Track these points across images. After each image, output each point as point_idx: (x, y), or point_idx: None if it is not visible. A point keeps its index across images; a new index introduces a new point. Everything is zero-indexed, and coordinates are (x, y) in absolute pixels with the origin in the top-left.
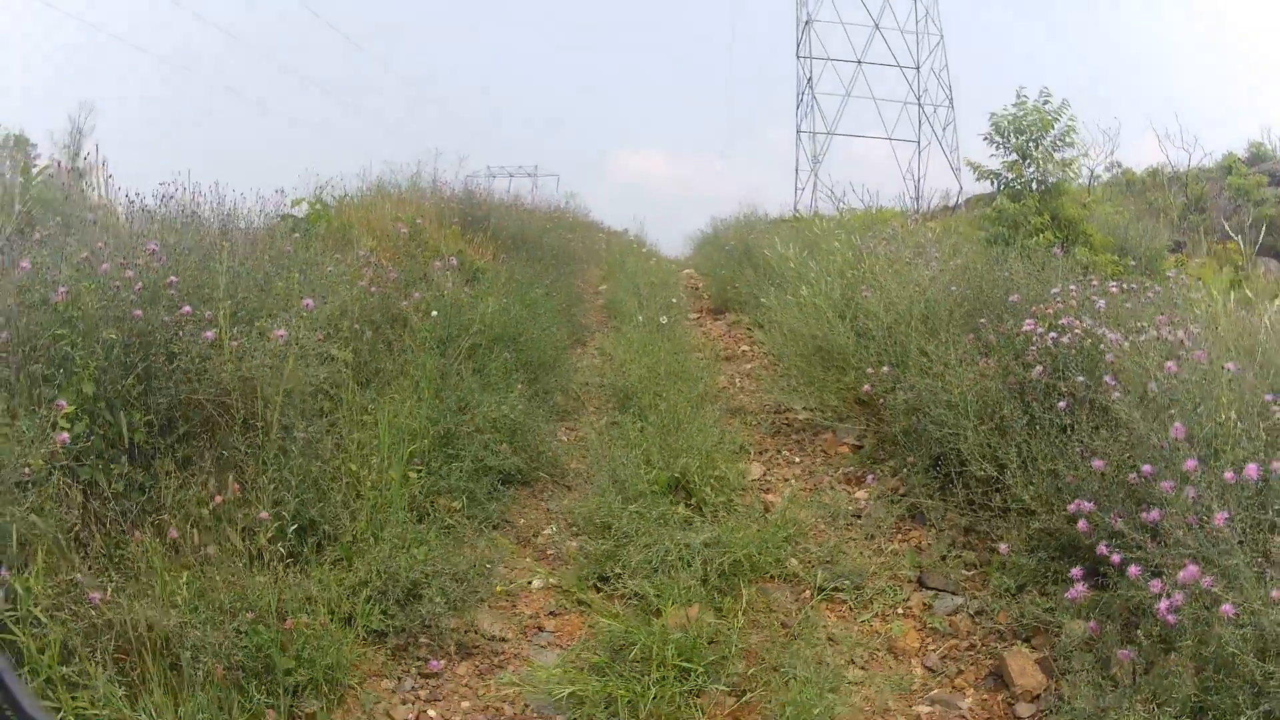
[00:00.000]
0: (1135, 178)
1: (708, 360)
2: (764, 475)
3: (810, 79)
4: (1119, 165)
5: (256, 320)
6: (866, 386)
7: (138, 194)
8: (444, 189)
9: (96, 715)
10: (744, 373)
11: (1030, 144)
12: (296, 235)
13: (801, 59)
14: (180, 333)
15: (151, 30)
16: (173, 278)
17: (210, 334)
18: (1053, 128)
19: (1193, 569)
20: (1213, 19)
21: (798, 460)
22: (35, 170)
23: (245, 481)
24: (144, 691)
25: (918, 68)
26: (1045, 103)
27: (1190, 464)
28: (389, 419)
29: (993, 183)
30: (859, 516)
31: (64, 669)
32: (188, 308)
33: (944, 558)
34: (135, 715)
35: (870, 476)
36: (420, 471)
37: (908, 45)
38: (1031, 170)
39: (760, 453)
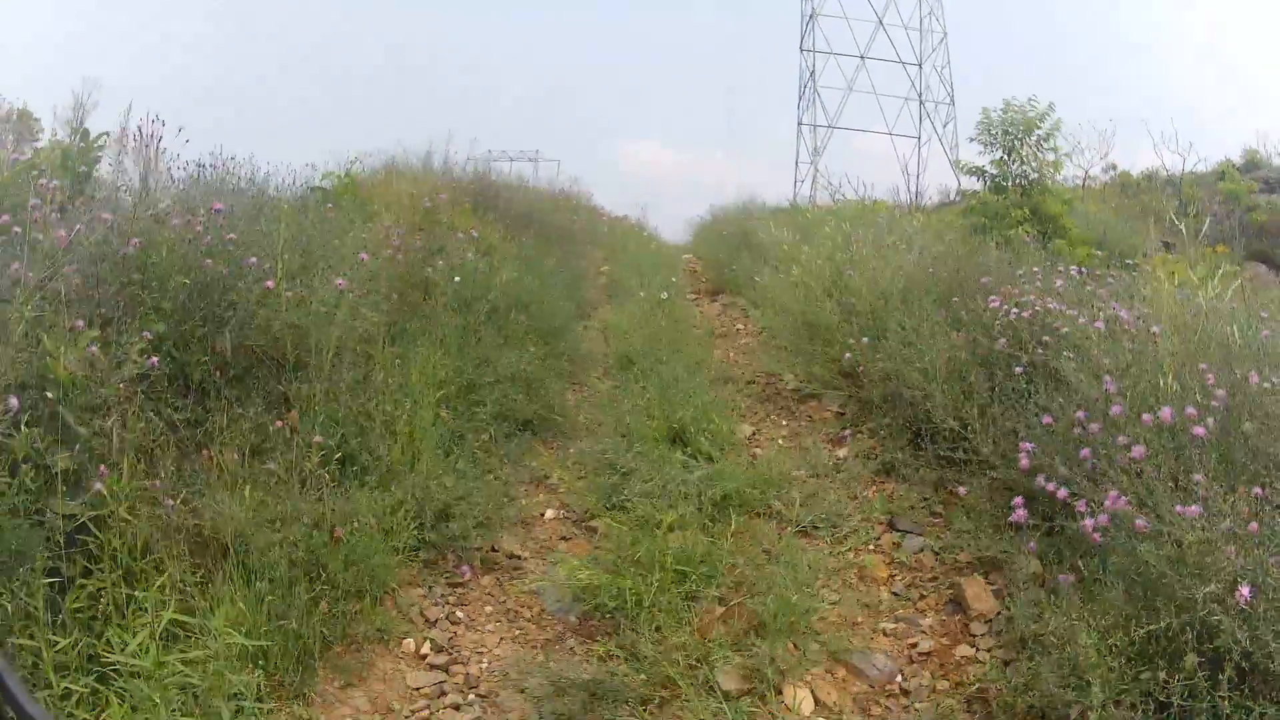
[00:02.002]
0: (1131, 180)
1: (704, 335)
2: (754, 434)
3: (813, 72)
4: (1114, 167)
5: (303, 276)
6: (847, 355)
7: (186, 162)
8: (454, 169)
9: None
10: (738, 348)
11: (1016, 142)
12: (328, 205)
13: (805, 52)
14: (240, 282)
15: (153, 12)
16: (231, 235)
17: (270, 283)
18: (1037, 128)
19: (1115, 494)
20: (1214, 26)
21: (785, 424)
22: (93, 136)
23: (296, 417)
24: (212, 582)
25: (920, 65)
26: (1031, 106)
27: (1116, 409)
28: (419, 367)
29: (979, 178)
30: (838, 470)
31: (142, 562)
32: (253, 259)
33: (913, 506)
34: (207, 599)
35: (850, 436)
36: (449, 412)
37: (911, 42)
38: (1016, 168)
39: (751, 416)
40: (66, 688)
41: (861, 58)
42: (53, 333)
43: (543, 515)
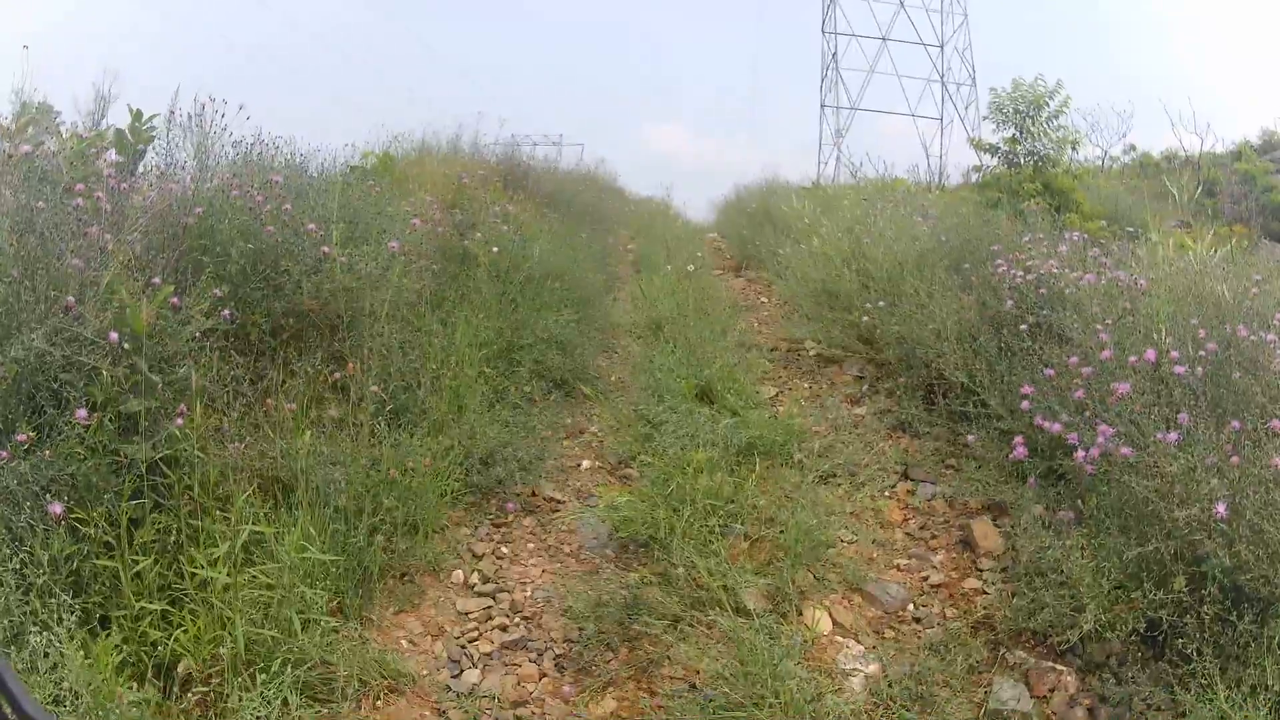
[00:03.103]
0: (1152, 160)
1: (728, 306)
2: (776, 395)
3: (835, 54)
4: (1134, 148)
5: (353, 244)
6: (865, 319)
7: (237, 140)
8: (484, 151)
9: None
10: (761, 318)
11: (1026, 119)
12: (370, 182)
13: (827, 34)
14: (297, 248)
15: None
16: (287, 205)
17: (326, 248)
18: (1046, 106)
19: (1105, 428)
20: (1235, 6)
21: (807, 386)
22: (145, 118)
23: (353, 368)
24: (279, 512)
25: (942, 46)
26: (1039, 84)
27: (1106, 354)
28: (463, 329)
29: (993, 155)
30: (856, 426)
31: (211, 498)
32: (312, 225)
33: (927, 458)
34: (276, 525)
35: (867, 395)
36: (491, 369)
37: (932, 24)
38: (1028, 144)
39: (774, 379)
40: (142, 607)
41: (883, 39)
42: (130, 288)
43: (579, 465)
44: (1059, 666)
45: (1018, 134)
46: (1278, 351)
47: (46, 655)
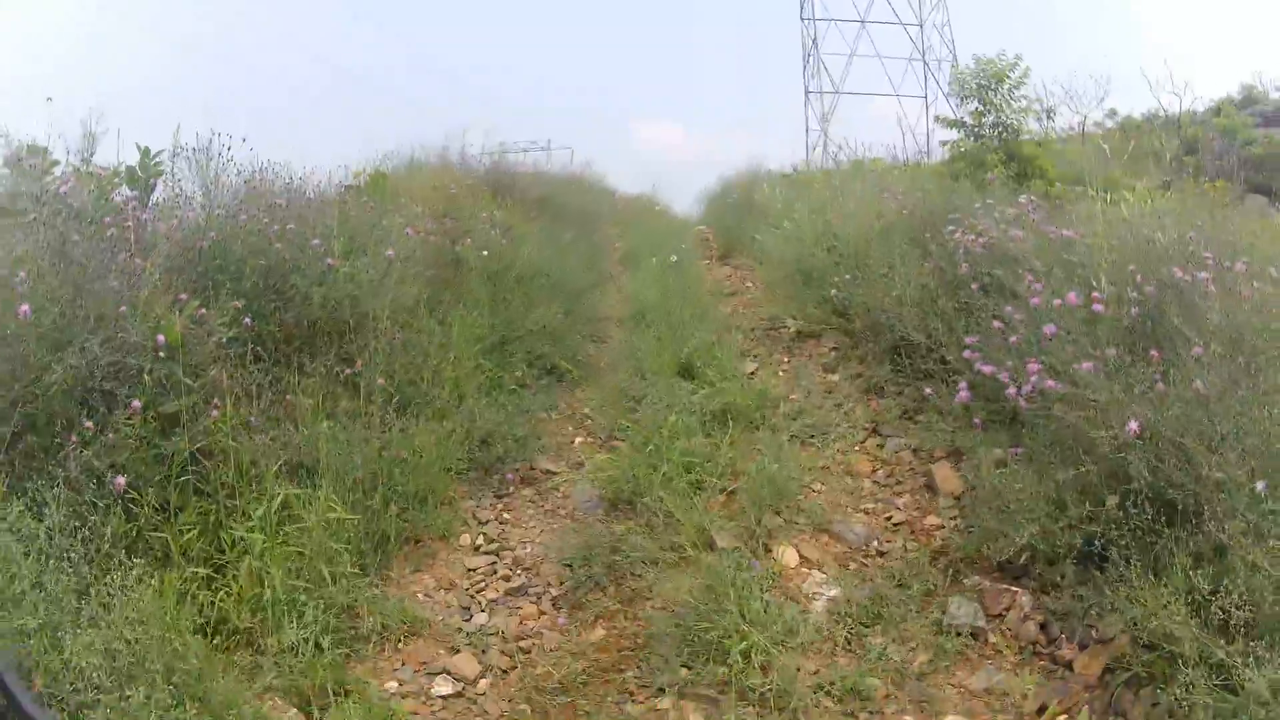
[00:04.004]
0: (1134, 122)
1: (712, 294)
2: (755, 370)
3: (815, 40)
4: (1115, 113)
5: (353, 256)
6: (834, 291)
7: (239, 168)
8: (471, 161)
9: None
10: (745, 302)
11: (988, 92)
12: (364, 199)
13: (805, 21)
14: (303, 263)
15: (157, 19)
16: (290, 224)
17: (331, 260)
18: (1008, 78)
19: (1033, 365)
20: None
21: (785, 360)
22: (152, 154)
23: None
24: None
25: (920, 25)
26: (1000, 60)
27: (1035, 300)
28: (459, 326)
29: (959, 129)
30: (830, 392)
31: (244, 482)
32: (316, 240)
33: (895, 417)
34: (304, 498)
35: (839, 362)
36: (487, 361)
37: (909, 2)
38: (991, 117)
39: (754, 356)
40: (193, 571)
41: (861, 22)
42: (162, 305)
43: (572, 441)
44: (1013, 588)
45: (981, 107)
46: (1211, 288)
47: (112, 597)
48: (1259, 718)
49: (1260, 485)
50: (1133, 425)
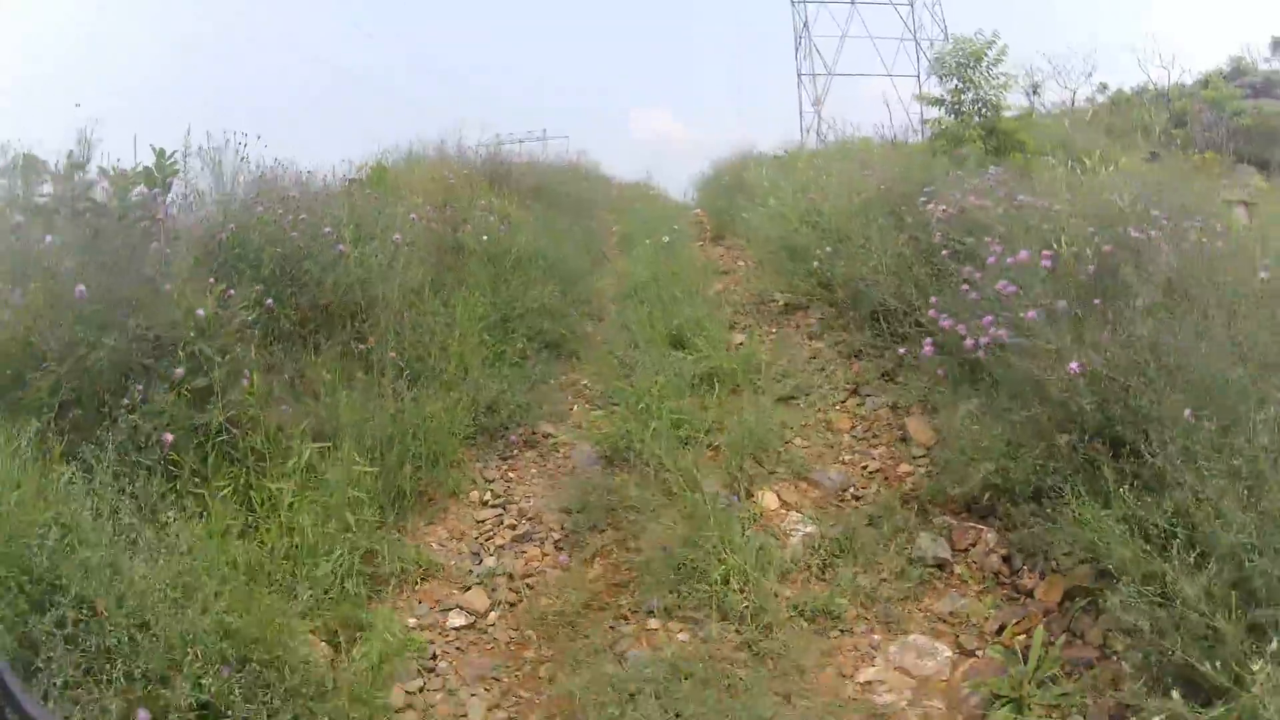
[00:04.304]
0: (1124, 96)
1: (703, 272)
2: (743, 341)
3: (806, 23)
4: (1105, 87)
5: (362, 243)
6: (815, 264)
7: (256, 165)
8: (468, 154)
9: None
10: (736, 280)
11: (967, 70)
12: (369, 191)
13: (796, 4)
14: (316, 250)
15: (156, 20)
16: (303, 215)
17: (342, 247)
18: (985, 55)
19: (989, 319)
20: None
21: (773, 331)
22: (170, 154)
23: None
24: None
25: (911, 4)
26: (978, 38)
27: (991, 259)
28: (463, 305)
29: (939, 107)
30: (814, 358)
31: (271, 446)
32: (328, 229)
33: (875, 378)
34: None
35: (825, 332)
36: (489, 336)
37: None
38: (971, 94)
39: (743, 328)
40: (228, 523)
41: (852, 2)
42: (192, 289)
43: (571, 408)
44: (979, 526)
45: (960, 84)
46: (1163, 245)
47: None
48: (1192, 621)
49: (1187, 412)
50: (1073, 365)
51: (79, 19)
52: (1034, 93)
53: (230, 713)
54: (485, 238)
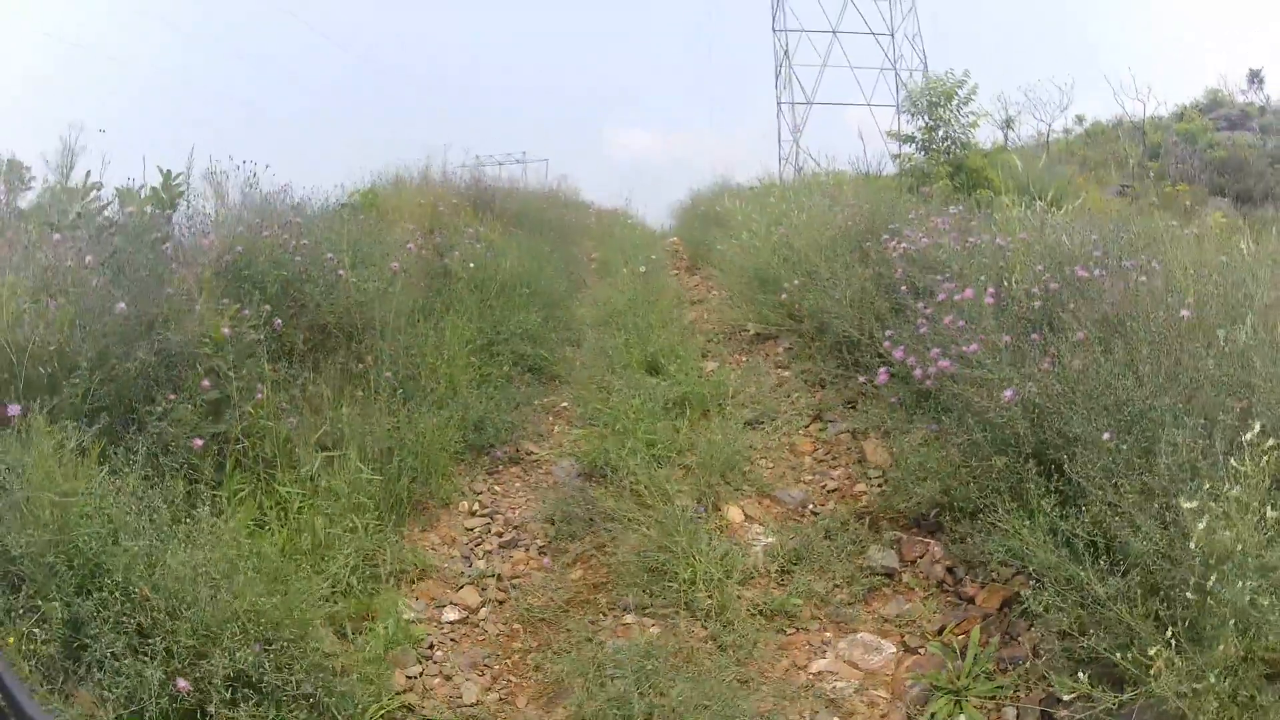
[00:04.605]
0: (1101, 128)
1: (678, 302)
2: (715, 369)
3: (787, 51)
4: (1081, 120)
5: (359, 268)
6: (784, 295)
7: (264, 190)
8: (452, 179)
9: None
10: (710, 309)
11: (937, 108)
12: (361, 216)
13: (778, 33)
14: (316, 274)
15: (127, 42)
16: (304, 240)
17: (342, 271)
18: (956, 95)
19: (936, 351)
20: None
21: (743, 359)
22: (176, 176)
23: (371, 361)
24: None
25: (892, 35)
26: (948, 77)
27: (941, 296)
28: (451, 329)
29: (910, 144)
30: (781, 385)
31: (282, 453)
32: (330, 254)
33: (838, 405)
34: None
35: (793, 362)
36: (476, 359)
37: (880, 13)
38: (941, 131)
39: (714, 356)
40: (239, 521)
41: (833, 32)
42: (207, 308)
43: (553, 429)
44: (927, 540)
45: (931, 122)
46: (1103, 283)
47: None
48: (1109, 618)
49: (1106, 435)
50: (1008, 393)
51: (54, 52)
52: (1008, 126)
53: (264, 683)
54: (472, 265)
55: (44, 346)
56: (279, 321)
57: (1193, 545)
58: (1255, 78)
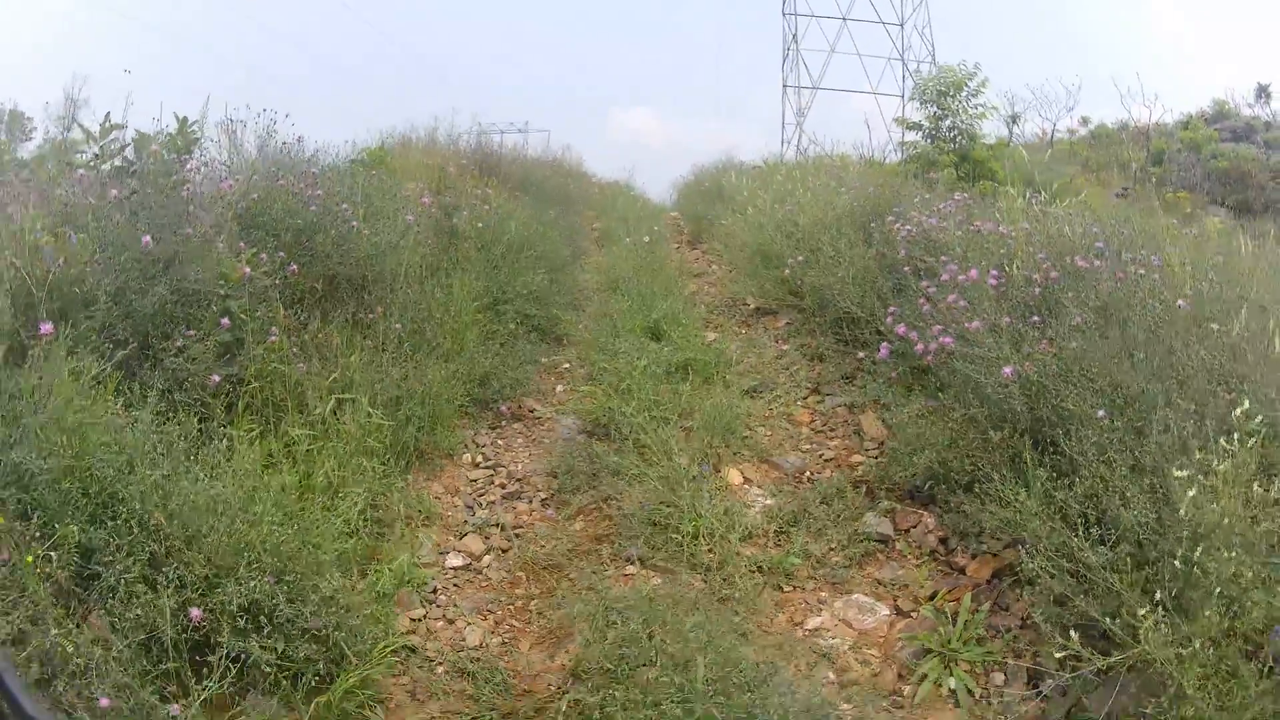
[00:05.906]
0: (1106, 131)
1: (680, 273)
2: (717, 339)
3: (795, 35)
4: (1087, 121)
5: (371, 220)
6: (787, 271)
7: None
8: (459, 142)
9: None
10: (710, 282)
11: (946, 99)
12: (373, 172)
13: (787, 16)
14: (330, 224)
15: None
16: (319, 191)
17: (355, 223)
18: (965, 87)
19: (938, 328)
20: None
21: (743, 332)
22: (191, 123)
23: (381, 313)
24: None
25: (901, 25)
26: (960, 69)
27: (944, 276)
28: (459, 285)
29: (917, 132)
30: (781, 358)
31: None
32: (345, 205)
33: (835, 380)
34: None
35: (793, 336)
36: (483, 316)
37: (891, 2)
38: (948, 122)
39: (715, 327)
40: (253, 460)
41: (843, 19)
42: (223, 250)
43: (555, 388)
44: (921, 511)
45: (939, 111)
46: (1102, 273)
47: (214, 466)
48: (1098, 586)
49: (1101, 413)
50: (1006, 370)
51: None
52: (1014, 122)
53: (276, 614)
54: (480, 225)
55: (63, 278)
56: (294, 267)
57: (1181, 513)
58: (1263, 92)
